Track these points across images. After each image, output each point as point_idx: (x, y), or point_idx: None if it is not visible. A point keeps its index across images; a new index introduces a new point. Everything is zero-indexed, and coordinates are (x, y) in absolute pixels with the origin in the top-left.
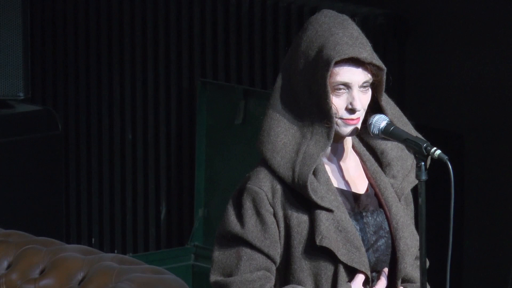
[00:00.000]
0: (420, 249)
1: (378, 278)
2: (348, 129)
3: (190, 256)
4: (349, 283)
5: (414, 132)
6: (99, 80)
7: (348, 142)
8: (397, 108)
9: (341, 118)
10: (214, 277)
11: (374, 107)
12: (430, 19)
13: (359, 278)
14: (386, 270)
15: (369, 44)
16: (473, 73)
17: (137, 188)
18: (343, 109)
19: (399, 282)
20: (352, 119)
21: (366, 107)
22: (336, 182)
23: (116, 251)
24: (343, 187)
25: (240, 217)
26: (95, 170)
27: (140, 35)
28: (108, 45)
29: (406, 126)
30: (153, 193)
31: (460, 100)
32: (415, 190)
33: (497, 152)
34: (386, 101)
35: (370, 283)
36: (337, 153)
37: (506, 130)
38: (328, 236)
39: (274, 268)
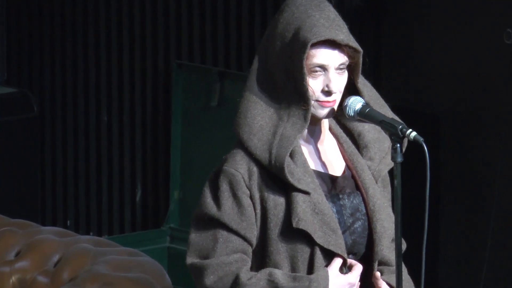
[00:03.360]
0: (396, 230)
1: (350, 268)
2: (325, 111)
3: (165, 238)
4: (326, 267)
5: (391, 114)
6: (74, 62)
7: (325, 124)
8: (374, 90)
9: (317, 100)
10: (190, 259)
11: (351, 89)
12: (406, 1)
13: (336, 263)
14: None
15: (346, 26)
16: (449, 55)
17: (112, 170)
18: (320, 91)
19: (376, 264)
20: (329, 101)
21: (342, 89)
22: (313, 164)
23: (91, 233)
24: (320, 169)
25: (216, 199)
26: (70, 152)
27: (116, 17)
28: (84, 27)
29: (383, 108)
30: (129, 175)
31: (436, 82)
32: (392, 173)
33: (473, 134)
34: (362, 83)
35: (346, 265)
36: (314, 135)
37: (481, 112)
38: (304, 219)
39: (250, 250)
